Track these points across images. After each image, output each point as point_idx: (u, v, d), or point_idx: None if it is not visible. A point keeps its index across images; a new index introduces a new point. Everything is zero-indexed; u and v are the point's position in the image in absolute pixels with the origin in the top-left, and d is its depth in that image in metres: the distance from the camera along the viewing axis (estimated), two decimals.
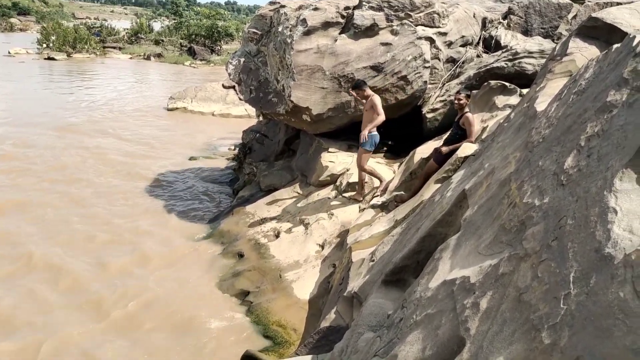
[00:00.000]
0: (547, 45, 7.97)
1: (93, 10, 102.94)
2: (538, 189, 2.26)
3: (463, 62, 8.52)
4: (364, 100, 6.99)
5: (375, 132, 6.97)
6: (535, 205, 2.17)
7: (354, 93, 7.00)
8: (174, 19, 50.59)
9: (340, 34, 8.06)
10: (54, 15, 73.43)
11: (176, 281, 6.62)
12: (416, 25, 8.18)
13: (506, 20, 9.33)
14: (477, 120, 6.46)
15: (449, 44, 8.52)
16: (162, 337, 5.47)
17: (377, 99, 6.88)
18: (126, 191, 9.91)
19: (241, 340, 5.44)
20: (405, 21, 8.09)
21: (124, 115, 17.39)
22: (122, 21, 70.11)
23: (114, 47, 42.18)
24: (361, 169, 7.17)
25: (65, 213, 8.71)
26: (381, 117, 6.79)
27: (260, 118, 11.32)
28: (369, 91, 6.95)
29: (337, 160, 8.07)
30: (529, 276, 1.88)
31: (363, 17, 7.96)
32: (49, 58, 34.77)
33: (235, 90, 18.71)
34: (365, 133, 6.81)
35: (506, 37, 8.74)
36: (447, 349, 2.07)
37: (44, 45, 37.95)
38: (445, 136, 6.50)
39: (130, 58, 39.05)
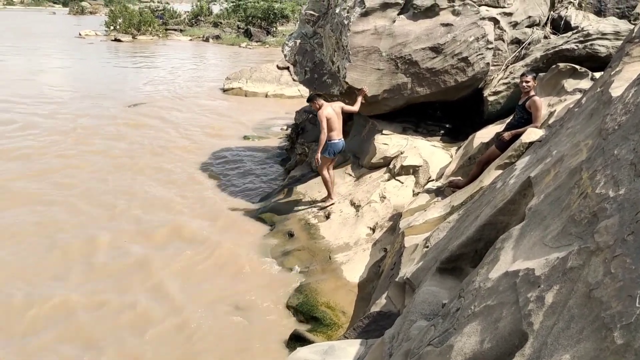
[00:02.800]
0: (623, 26, 7.47)
1: None
2: (613, 179, 2.11)
3: (529, 44, 8.13)
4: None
5: (337, 140, 7.46)
6: (610, 196, 2.03)
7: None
8: (233, 2, 51.08)
9: (398, 14, 7.86)
10: None
11: (226, 257, 6.73)
12: (479, 6, 7.85)
13: (577, 0, 8.81)
14: (544, 105, 6.17)
15: (514, 25, 8.14)
16: (211, 312, 5.57)
17: (321, 113, 7.25)
18: (181, 167, 10.15)
19: (289, 319, 5.48)
20: (467, 1, 7.77)
21: (182, 95, 17.81)
22: (183, 4, 71.49)
23: (175, 30, 43.20)
24: (320, 172, 7.60)
25: (132, 181, 9.17)
26: (322, 136, 7.26)
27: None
28: (318, 103, 7.36)
29: (391, 143, 7.93)
30: (601, 271, 1.76)
31: None
32: (116, 40, 36.15)
33: (289, 71, 18.91)
34: (317, 156, 7.39)
35: (577, 17, 8.24)
36: (508, 342, 1.98)
37: (111, 28, 39.41)
38: (507, 120, 6.24)
39: (190, 40, 39.92)
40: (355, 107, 7.69)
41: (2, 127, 12.10)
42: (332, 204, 7.55)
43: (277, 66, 19.56)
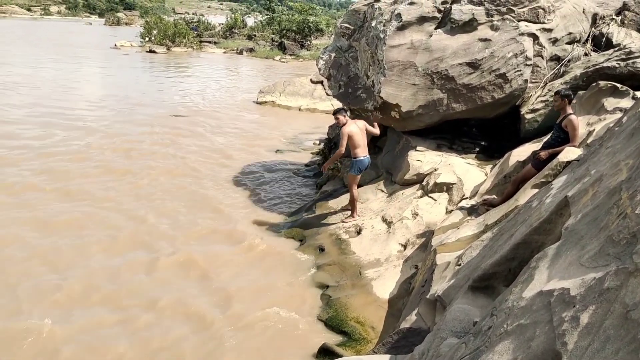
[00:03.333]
0: None
1: (192, 6, 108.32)
2: None
3: (569, 61, 8.00)
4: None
5: (362, 157, 7.51)
6: None
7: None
8: (267, 14, 51.92)
9: (435, 29, 7.85)
10: (156, 10, 78.53)
11: (257, 270, 6.78)
12: (518, 21, 7.78)
13: (620, 17, 8.64)
14: (582, 123, 6.05)
15: (554, 41, 8.03)
16: (240, 323, 5.60)
17: (344, 130, 7.37)
18: (211, 179, 10.29)
19: (318, 332, 5.47)
20: (506, 16, 7.72)
21: (215, 107, 18.10)
22: (217, 16, 73.40)
23: (210, 42, 44.07)
24: (350, 190, 7.70)
25: (162, 191, 9.37)
26: (338, 151, 7.44)
27: (348, 114, 11.33)
28: (343, 119, 7.48)
29: (425, 159, 7.88)
30: (639, 293, 1.73)
31: (461, 11, 7.70)
32: (151, 51, 37.03)
33: (323, 85, 19.04)
34: (325, 165, 7.89)
35: (619, 34, 8.08)
36: None
37: (147, 39, 40.47)
38: (545, 139, 6.14)
39: (224, 52, 40.60)
40: (376, 131, 7.81)
41: (46, 136, 12.55)
42: (355, 222, 7.61)
43: (311, 80, 19.71)
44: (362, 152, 7.50)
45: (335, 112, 7.61)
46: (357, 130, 7.47)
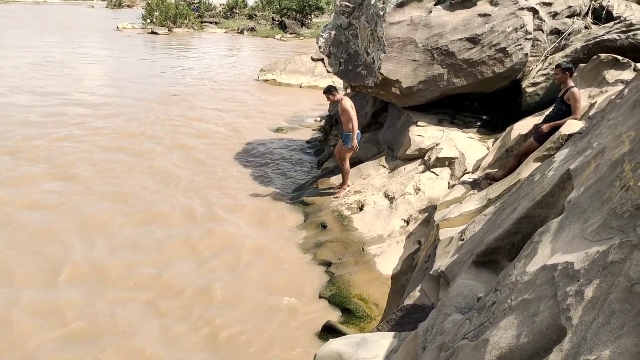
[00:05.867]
0: None
1: None
2: None
3: (569, 34, 7.90)
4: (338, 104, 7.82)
5: (358, 131, 7.81)
6: None
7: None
8: None
9: (435, 5, 7.76)
10: None
11: (259, 247, 6.80)
12: None
13: None
14: (584, 96, 6.00)
15: (554, 15, 7.93)
16: (242, 301, 5.64)
17: (346, 104, 7.58)
18: (215, 158, 10.29)
19: (321, 310, 5.50)
20: None
21: (216, 86, 18.03)
22: None
23: (211, 22, 43.73)
24: (341, 162, 7.95)
25: (172, 170, 9.44)
26: (354, 123, 7.63)
27: (348, 90, 11.27)
28: (338, 95, 7.74)
29: (426, 134, 7.86)
30: None
31: None
32: (152, 32, 36.83)
33: (324, 62, 18.90)
34: (355, 143, 7.74)
35: (619, 7, 7.95)
36: (545, 337, 1.95)
37: (148, 21, 40.19)
38: (546, 112, 6.10)
39: (225, 32, 40.33)
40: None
41: (55, 115, 12.51)
42: (345, 194, 7.85)
43: (312, 58, 19.58)
44: (357, 126, 7.75)
45: (327, 91, 7.80)
46: (352, 104, 7.68)
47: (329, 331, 4.97)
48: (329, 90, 7.75)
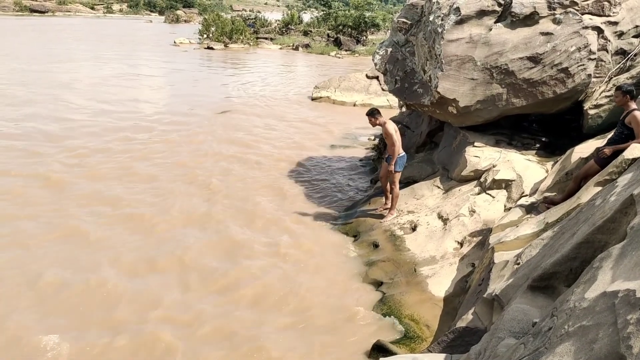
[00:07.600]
0: None
1: (249, 3, 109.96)
2: None
3: (635, 55, 7.63)
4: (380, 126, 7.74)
5: (404, 153, 7.72)
6: None
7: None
8: (323, 10, 52.00)
9: (495, 22, 7.67)
10: (214, 7, 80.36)
11: (310, 264, 6.86)
12: (582, 14, 7.48)
13: None
14: None
15: (620, 35, 7.67)
16: (296, 317, 5.70)
17: (389, 127, 7.48)
18: (268, 174, 10.48)
19: (372, 329, 5.48)
20: (569, 9, 7.44)
21: (271, 103, 18.36)
22: (274, 13, 74.38)
23: (266, 38, 44.60)
24: (385, 183, 7.97)
25: (222, 184, 9.65)
26: (396, 148, 7.51)
27: (403, 109, 11.27)
28: (381, 119, 7.62)
29: (483, 155, 7.73)
30: None
31: (522, 4, 7.47)
32: (209, 48, 37.96)
33: (379, 80, 18.94)
34: (391, 168, 7.61)
35: None
36: None
37: (205, 36, 41.41)
38: (609, 135, 5.90)
39: (280, 48, 41.06)
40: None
41: (116, 128, 13.16)
42: (394, 218, 7.74)
43: (366, 75, 19.64)
44: (400, 149, 7.66)
45: (370, 114, 7.68)
46: (395, 127, 7.67)
47: (379, 350, 4.94)
48: (372, 114, 7.66)
